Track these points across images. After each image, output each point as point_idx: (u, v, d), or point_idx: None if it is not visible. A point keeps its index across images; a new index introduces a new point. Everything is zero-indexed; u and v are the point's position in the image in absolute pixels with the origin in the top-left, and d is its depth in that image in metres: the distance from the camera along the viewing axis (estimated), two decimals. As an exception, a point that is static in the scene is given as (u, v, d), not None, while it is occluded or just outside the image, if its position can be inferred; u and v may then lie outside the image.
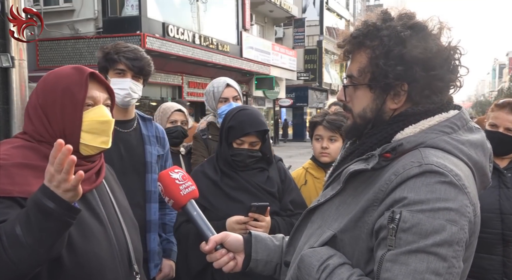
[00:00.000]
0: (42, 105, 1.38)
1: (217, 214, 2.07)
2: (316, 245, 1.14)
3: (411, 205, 0.99)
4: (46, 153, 1.31)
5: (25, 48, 6.58)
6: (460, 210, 0.99)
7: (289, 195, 2.23)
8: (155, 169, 2.41)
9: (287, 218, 2.16)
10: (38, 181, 1.23)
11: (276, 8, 20.68)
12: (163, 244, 2.55)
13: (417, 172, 1.01)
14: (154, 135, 2.49)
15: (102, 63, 2.34)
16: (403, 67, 1.09)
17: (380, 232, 1.03)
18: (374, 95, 1.16)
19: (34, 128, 1.38)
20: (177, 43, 13.04)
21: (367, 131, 1.19)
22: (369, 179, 1.10)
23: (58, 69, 1.45)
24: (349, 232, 1.11)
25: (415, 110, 1.13)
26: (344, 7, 32.83)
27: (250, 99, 19.32)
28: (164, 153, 2.53)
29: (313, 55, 27.63)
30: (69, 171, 1.12)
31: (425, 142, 1.08)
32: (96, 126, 1.40)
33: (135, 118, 2.46)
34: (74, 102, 1.37)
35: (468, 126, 1.15)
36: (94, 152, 1.42)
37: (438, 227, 0.96)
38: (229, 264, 1.34)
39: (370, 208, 1.07)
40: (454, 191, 0.99)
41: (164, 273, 2.52)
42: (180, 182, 1.37)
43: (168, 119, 3.18)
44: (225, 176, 2.15)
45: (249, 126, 2.10)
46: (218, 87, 2.92)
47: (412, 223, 0.97)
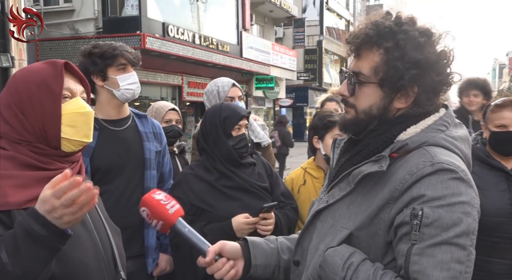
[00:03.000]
0: (16, 104, 1.30)
1: (217, 215, 2.07)
2: (335, 244, 1.20)
3: (430, 201, 1.08)
4: (23, 160, 1.27)
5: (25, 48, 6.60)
6: (471, 202, 1.10)
7: (278, 188, 2.32)
8: (153, 165, 2.43)
9: (282, 210, 2.24)
10: (16, 190, 1.19)
11: (276, 8, 20.65)
12: (160, 239, 2.55)
13: (431, 171, 1.10)
14: (151, 132, 2.49)
15: (100, 63, 2.30)
16: (417, 71, 1.16)
17: (400, 227, 1.11)
18: (384, 94, 1.22)
19: (11, 128, 1.30)
20: (177, 43, 13.03)
21: (370, 128, 1.25)
22: (376, 177, 1.17)
23: (27, 66, 1.40)
24: (365, 229, 1.18)
25: (415, 112, 1.22)
26: (344, 7, 32.79)
27: (250, 99, 19.30)
28: (161, 148, 2.54)
29: (313, 55, 27.60)
30: (82, 207, 1.10)
31: (428, 140, 1.18)
32: (76, 119, 1.34)
33: (130, 116, 2.46)
34: (51, 95, 1.31)
35: (455, 123, 1.26)
36: (76, 147, 1.36)
37: (456, 219, 1.07)
38: (230, 272, 1.35)
39: (386, 206, 1.14)
40: (464, 185, 1.10)
41: (161, 268, 2.54)
42: (165, 202, 1.32)
43: (162, 118, 3.17)
44: (222, 175, 2.16)
45: (241, 111, 2.26)
46: (223, 86, 2.93)
47: (433, 218, 1.07)
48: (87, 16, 12.36)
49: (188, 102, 15.98)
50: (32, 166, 1.29)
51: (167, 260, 2.58)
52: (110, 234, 1.47)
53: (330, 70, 30.54)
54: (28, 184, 1.25)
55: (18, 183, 1.22)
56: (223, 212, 2.09)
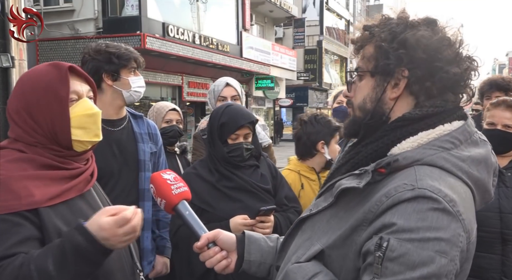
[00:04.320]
0: (25, 108, 1.33)
1: (217, 215, 2.06)
2: (303, 259, 1.10)
3: (400, 233, 0.92)
4: (42, 161, 1.32)
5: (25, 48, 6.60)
6: (451, 240, 0.92)
7: (282, 191, 2.26)
8: (148, 167, 2.41)
9: (284, 213, 2.20)
10: (39, 189, 1.25)
11: (276, 8, 20.66)
12: (157, 241, 2.54)
13: (409, 196, 0.95)
14: (146, 133, 2.48)
15: (115, 63, 2.29)
16: (405, 50, 1.05)
17: (367, 256, 0.98)
18: (375, 83, 1.12)
19: (23, 131, 1.33)
20: (177, 43, 13.03)
21: (367, 126, 1.14)
22: (363, 193, 1.04)
23: (32, 69, 1.42)
24: (337, 249, 1.06)
25: (413, 114, 1.06)
26: (344, 7, 32.80)
27: (250, 99, 19.30)
28: (157, 149, 2.52)
29: (313, 55, 27.60)
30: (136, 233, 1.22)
31: (422, 159, 1.01)
32: (84, 120, 1.37)
33: (126, 116, 2.45)
34: (58, 100, 1.33)
35: (473, 140, 1.07)
36: (88, 146, 1.41)
37: (426, 258, 0.90)
38: (221, 263, 1.30)
39: (359, 228, 1.01)
40: (447, 218, 0.93)
41: (157, 271, 2.53)
42: (171, 182, 1.36)
43: (163, 119, 3.18)
44: (222, 176, 2.14)
45: (242, 119, 2.13)
46: (218, 86, 2.95)
47: (399, 252, 0.91)
48: (87, 16, 12.36)
49: (188, 102, 15.98)
50: (51, 166, 1.33)
51: (163, 263, 2.56)
52: None
53: (330, 70, 30.55)
54: (49, 183, 1.29)
55: (40, 183, 1.27)
56: (222, 213, 2.08)
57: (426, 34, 1.05)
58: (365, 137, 1.14)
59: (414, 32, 1.05)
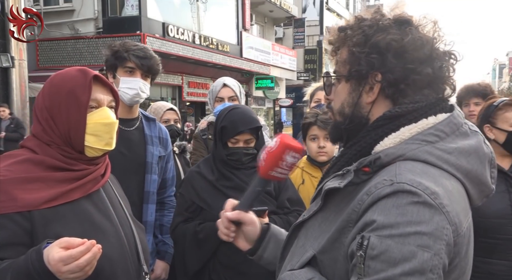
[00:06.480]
0: (48, 108, 1.40)
1: (213, 214, 2.06)
2: (297, 266, 1.08)
3: (380, 229, 0.90)
4: (50, 163, 1.36)
5: (25, 48, 6.62)
6: (434, 234, 0.89)
7: (285, 193, 2.23)
8: (155, 170, 2.41)
9: (284, 216, 2.17)
10: (39, 192, 1.27)
11: (276, 8, 20.66)
12: (159, 246, 2.53)
13: (388, 192, 0.92)
14: (157, 136, 2.48)
15: (111, 60, 2.34)
16: (376, 54, 1.03)
17: (352, 257, 0.95)
18: (351, 88, 1.10)
19: (43, 129, 1.40)
20: (177, 43, 13.03)
21: (345, 127, 1.13)
22: (351, 194, 1.01)
23: (64, 71, 1.47)
24: (327, 253, 1.03)
25: (392, 112, 1.04)
26: (344, 7, 32.81)
27: (250, 99, 19.30)
28: (165, 154, 2.52)
29: (313, 55, 27.59)
30: (87, 270, 1.17)
31: (404, 154, 0.99)
32: (99, 129, 1.42)
33: (139, 117, 2.46)
34: (78, 104, 1.38)
35: (461, 131, 1.04)
36: (98, 153, 1.45)
37: (407, 254, 0.87)
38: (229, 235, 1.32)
39: (346, 229, 0.99)
40: (428, 212, 0.90)
41: (156, 274, 2.50)
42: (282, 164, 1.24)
43: (161, 119, 3.17)
44: (222, 176, 2.15)
45: (242, 125, 2.11)
46: (216, 86, 2.95)
47: (380, 250, 0.89)
48: (87, 16, 12.37)
49: (188, 102, 15.98)
50: (58, 168, 1.37)
51: (163, 268, 2.53)
52: (134, 230, 1.53)
53: (330, 70, 30.49)
54: (52, 184, 1.32)
55: (43, 185, 1.29)
56: (219, 212, 2.08)
57: (396, 37, 1.03)
58: (349, 140, 1.13)
59: (385, 36, 1.04)
